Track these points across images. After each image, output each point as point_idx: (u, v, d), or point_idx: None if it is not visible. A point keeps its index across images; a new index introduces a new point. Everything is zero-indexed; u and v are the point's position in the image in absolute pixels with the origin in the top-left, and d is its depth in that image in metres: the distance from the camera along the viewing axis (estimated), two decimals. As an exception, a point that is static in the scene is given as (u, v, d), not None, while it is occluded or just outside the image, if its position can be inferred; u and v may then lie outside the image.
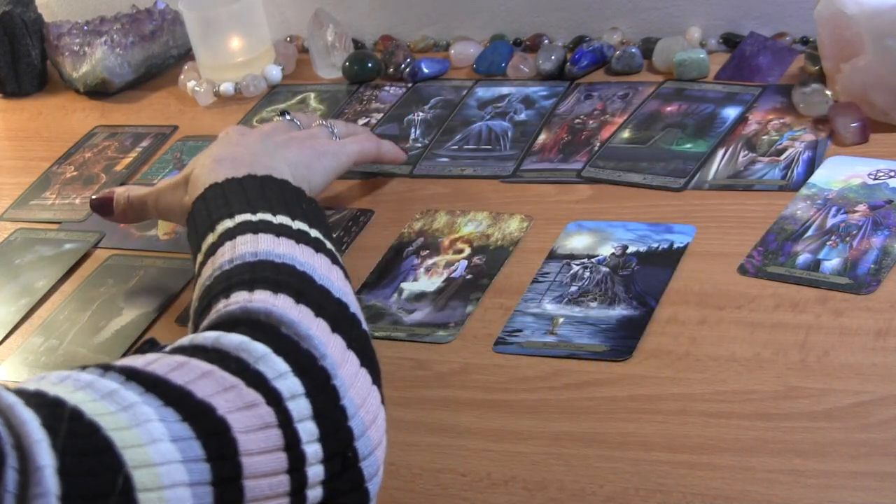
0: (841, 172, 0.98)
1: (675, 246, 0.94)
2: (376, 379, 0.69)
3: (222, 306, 0.68)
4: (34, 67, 1.44)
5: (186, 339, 0.65)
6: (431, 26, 1.38)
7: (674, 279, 0.91)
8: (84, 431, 0.55)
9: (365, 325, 0.72)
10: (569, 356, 0.86)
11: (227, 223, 0.78)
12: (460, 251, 1.00)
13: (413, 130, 1.19)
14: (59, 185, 1.24)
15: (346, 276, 0.77)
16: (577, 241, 0.97)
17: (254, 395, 0.61)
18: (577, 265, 0.94)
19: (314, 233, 0.78)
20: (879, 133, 1.02)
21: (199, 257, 0.79)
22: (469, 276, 0.96)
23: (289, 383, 0.62)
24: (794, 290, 0.87)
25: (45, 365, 0.97)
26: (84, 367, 0.60)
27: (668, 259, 0.93)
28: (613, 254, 0.95)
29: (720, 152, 1.05)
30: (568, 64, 1.23)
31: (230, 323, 0.66)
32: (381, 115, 1.23)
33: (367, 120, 1.23)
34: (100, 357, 0.96)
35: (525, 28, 1.33)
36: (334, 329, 0.68)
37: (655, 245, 0.95)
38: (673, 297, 0.89)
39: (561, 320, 0.89)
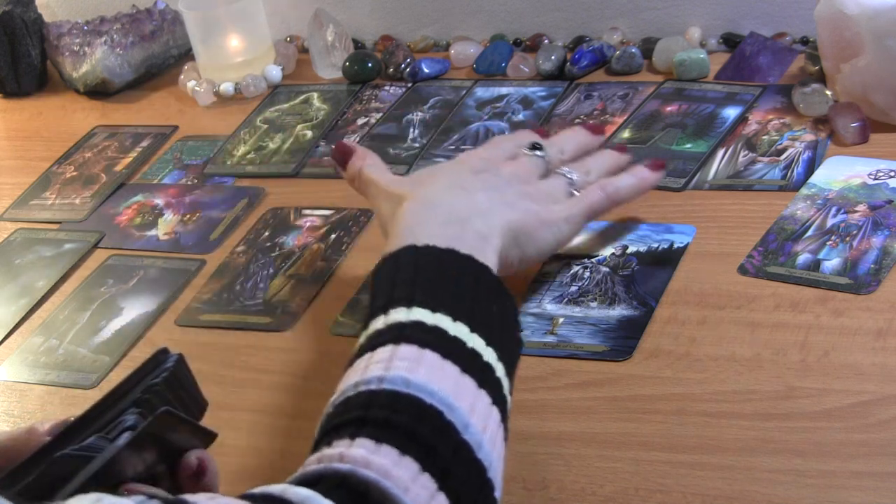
0: (841, 172, 0.98)
1: (675, 246, 0.94)
2: None
3: (338, 456, 0.62)
4: (34, 67, 1.45)
5: (258, 490, 0.60)
6: (431, 26, 1.38)
7: (674, 279, 0.91)
8: None
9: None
10: (569, 356, 0.86)
11: (402, 313, 0.72)
12: (460, 251, 0.99)
13: (411, 130, 1.19)
14: (59, 185, 1.24)
15: (504, 416, 0.69)
16: (577, 241, 0.97)
17: None
18: (577, 265, 0.94)
19: (487, 354, 0.71)
20: (879, 133, 1.02)
21: (363, 334, 0.73)
22: (469, 276, 0.96)
23: None
24: (794, 290, 0.87)
25: (45, 365, 0.97)
26: (129, 494, 0.57)
27: (668, 259, 0.93)
28: (613, 254, 0.95)
29: (720, 152, 1.05)
30: (568, 64, 1.23)
31: (334, 481, 0.61)
32: (381, 114, 1.23)
33: (366, 119, 1.23)
34: (99, 357, 0.96)
35: (525, 28, 1.33)
36: None
37: (655, 245, 0.95)
38: (673, 297, 0.89)
39: (561, 320, 0.89)
